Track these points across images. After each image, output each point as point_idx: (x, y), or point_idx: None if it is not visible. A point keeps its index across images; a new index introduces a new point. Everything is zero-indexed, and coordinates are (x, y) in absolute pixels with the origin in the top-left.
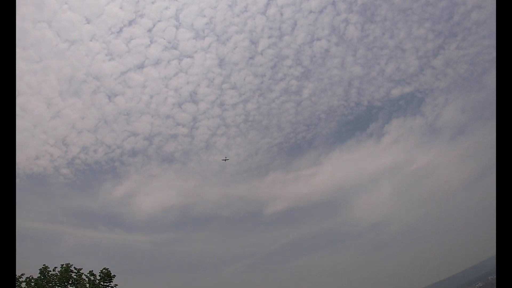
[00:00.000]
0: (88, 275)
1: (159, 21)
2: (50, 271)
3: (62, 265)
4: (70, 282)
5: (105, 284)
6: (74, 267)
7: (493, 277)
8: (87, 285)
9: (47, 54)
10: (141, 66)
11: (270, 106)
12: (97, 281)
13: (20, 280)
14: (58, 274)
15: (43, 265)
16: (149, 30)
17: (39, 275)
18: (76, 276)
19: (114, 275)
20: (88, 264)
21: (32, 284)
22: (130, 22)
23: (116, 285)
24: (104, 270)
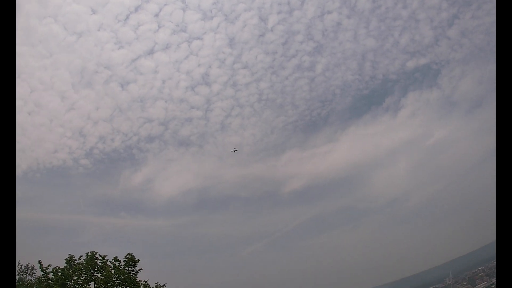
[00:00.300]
0: (113, 261)
1: (165, 4)
2: (76, 260)
3: (87, 253)
4: (95, 269)
5: (129, 269)
6: (99, 255)
7: None
8: (112, 271)
9: (56, 49)
10: (151, 52)
11: (284, 83)
12: (121, 266)
13: (47, 271)
14: (84, 262)
15: (69, 254)
16: (156, 15)
17: (65, 264)
18: (101, 263)
19: (138, 260)
20: (113, 251)
21: (59, 274)
22: (136, 8)
23: (141, 269)
24: (128, 255)
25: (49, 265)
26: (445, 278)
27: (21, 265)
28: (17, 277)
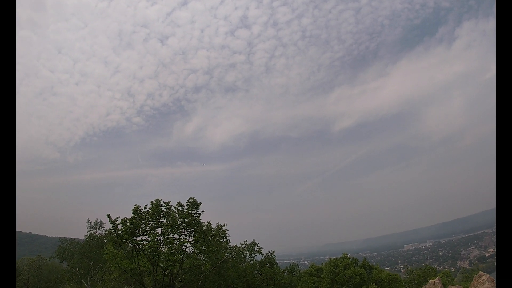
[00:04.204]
0: (177, 206)
1: None
2: (142, 209)
3: (151, 201)
4: (161, 215)
5: (192, 212)
6: (163, 201)
7: None
8: (177, 215)
9: (90, 18)
10: (185, 3)
11: (327, 17)
12: (185, 210)
13: (116, 223)
14: (150, 210)
15: (135, 205)
16: None
17: (132, 215)
18: (166, 209)
19: (200, 203)
20: (174, 198)
21: (128, 224)
22: None
23: (203, 211)
24: (190, 199)
25: (117, 217)
26: (495, 223)
27: (90, 222)
28: (87, 233)
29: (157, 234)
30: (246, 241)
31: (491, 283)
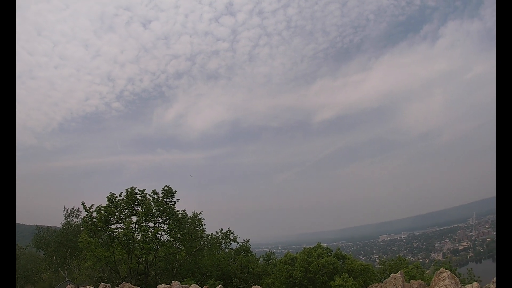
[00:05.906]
0: (152, 194)
1: None
2: (117, 197)
3: (127, 189)
4: (136, 203)
5: (167, 200)
6: (138, 189)
7: None
8: (152, 203)
9: None
10: None
11: (313, 9)
12: (160, 198)
13: (91, 210)
14: (125, 198)
15: (110, 193)
16: None
17: (107, 202)
18: (141, 197)
19: (175, 191)
20: (153, 186)
21: (102, 212)
22: None
23: (178, 199)
24: (165, 188)
25: (92, 205)
26: (468, 218)
27: (67, 210)
28: (63, 221)
29: (132, 222)
30: (222, 229)
31: (452, 279)
